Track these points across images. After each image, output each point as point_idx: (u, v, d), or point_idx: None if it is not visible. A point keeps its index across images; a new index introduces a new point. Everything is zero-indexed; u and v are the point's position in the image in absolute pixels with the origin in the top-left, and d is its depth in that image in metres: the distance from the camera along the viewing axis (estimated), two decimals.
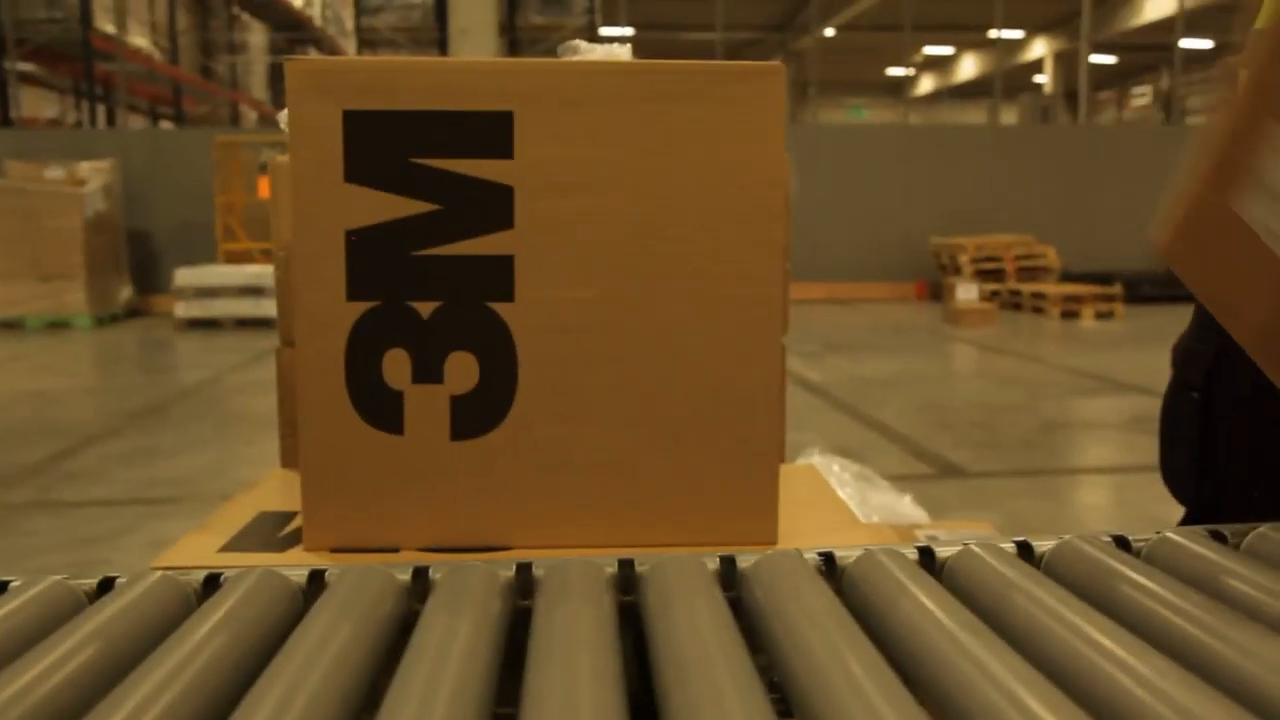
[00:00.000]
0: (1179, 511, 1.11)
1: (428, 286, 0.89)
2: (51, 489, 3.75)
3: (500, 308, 0.89)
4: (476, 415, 0.90)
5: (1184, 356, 0.97)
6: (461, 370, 0.90)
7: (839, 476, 1.54)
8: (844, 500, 1.11)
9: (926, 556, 0.67)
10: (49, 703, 0.46)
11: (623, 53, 1.20)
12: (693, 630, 0.52)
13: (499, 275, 0.89)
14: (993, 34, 14.80)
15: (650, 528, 0.91)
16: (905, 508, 1.57)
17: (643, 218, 0.89)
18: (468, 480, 0.91)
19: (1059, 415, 4.86)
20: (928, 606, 0.55)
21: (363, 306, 0.89)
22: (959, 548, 0.67)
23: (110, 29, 11.36)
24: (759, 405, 0.91)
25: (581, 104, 0.88)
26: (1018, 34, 20.03)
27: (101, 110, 13.05)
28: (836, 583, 0.66)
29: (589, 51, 1.21)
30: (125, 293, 9.45)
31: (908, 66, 16.31)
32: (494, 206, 0.88)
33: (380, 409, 0.90)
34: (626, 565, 0.64)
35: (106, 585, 0.61)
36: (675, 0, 16.45)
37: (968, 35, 20.22)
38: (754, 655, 0.51)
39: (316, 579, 0.62)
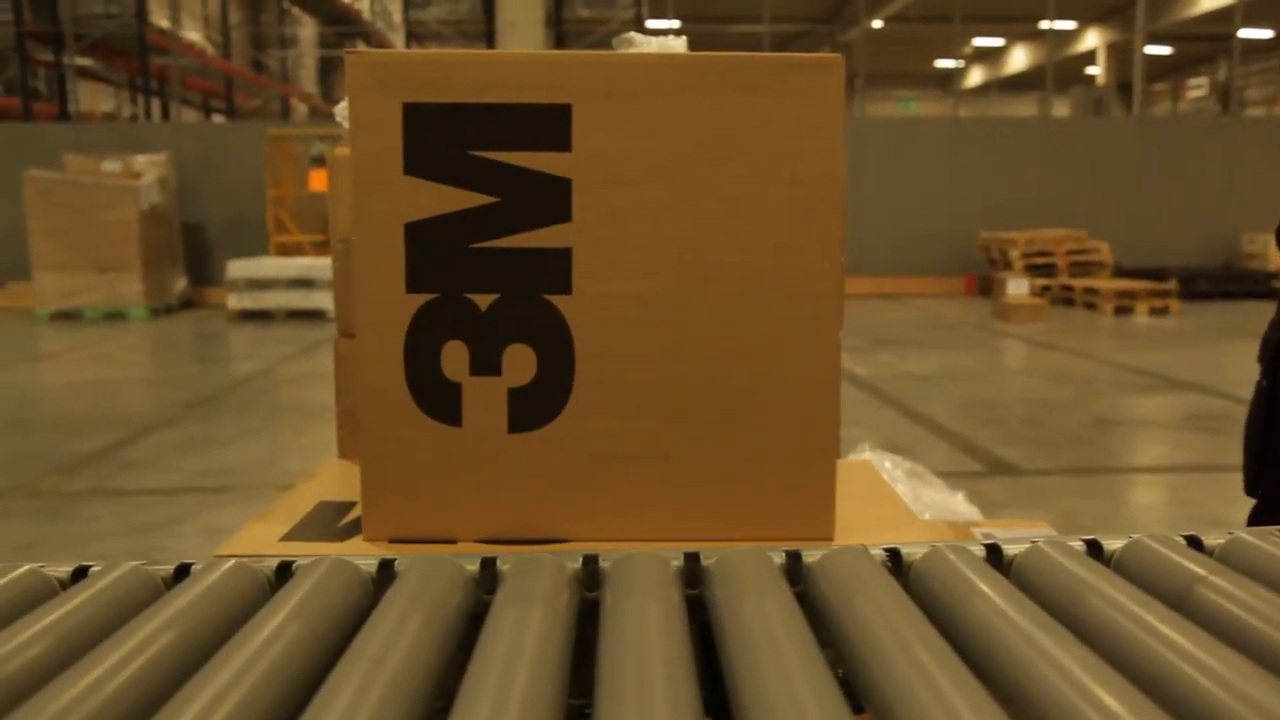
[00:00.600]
0: (1237, 512, 1.09)
1: (486, 279, 0.89)
2: (110, 477, 3.82)
3: (558, 300, 0.90)
4: (534, 407, 0.91)
5: (1261, 345, 0.97)
6: (519, 362, 0.90)
7: (890, 473, 1.52)
8: (900, 496, 1.10)
9: (994, 554, 0.67)
10: (132, 687, 0.47)
11: (678, 45, 1.19)
12: (763, 624, 0.52)
13: (557, 268, 0.89)
14: (1044, 25, 14.59)
15: (706, 522, 0.91)
16: (958, 505, 1.55)
17: (700, 211, 0.89)
18: (525, 472, 0.91)
19: (1112, 412, 4.79)
20: (1000, 604, 0.54)
21: (422, 298, 0.90)
22: (1026, 545, 0.67)
23: (165, 24, 11.53)
24: (816, 400, 0.91)
25: (640, 96, 0.88)
26: (1070, 25, 19.73)
27: (156, 104, 13.26)
28: (903, 578, 0.65)
29: (644, 44, 1.21)
30: (179, 284, 9.60)
31: (957, 58, 16.12)
32: (552, 199, 0.89)
33: (439, 400, 0.91)
34: (692, 559, 0.64)
35: (183, 572, 0.62)
36: None
37: (1019, 26, 19.95)
38: (822, 650, 0.51)
39: (386, 568, 0.63)
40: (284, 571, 0.63)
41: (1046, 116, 13.61)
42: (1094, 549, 0.68)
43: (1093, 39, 20.31)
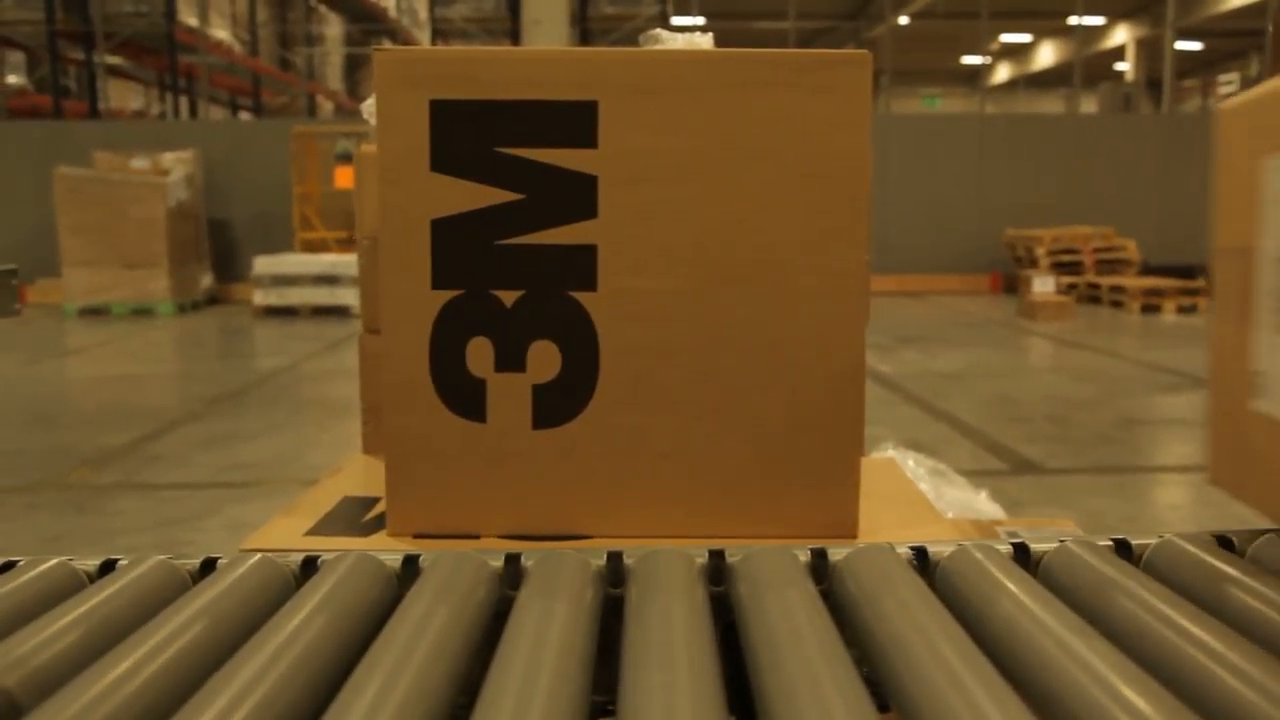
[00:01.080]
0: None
1: (511, 275, 0.90)
2: (136, 471, 3.85)
3: (583, 297, 0.90)
4: (558, 404, 0.91)
5: None
6: (544, 359, 0.90)
7: (913, 471, 1.51)
8: (924, 494, 1.09)
9: (1021, 552, 0.66)
10: (158, 680, 0.47)
11: (705, 41, 1.19)
12: (788, 622, 0.52)
13: (582, 265, 0.89)
14: (1073, 21, 14.47)
15: (730, 518, 0.91)
16: (981, 504, 1.54)
17: (726, 208, 0.89)
18: (549, 468, 0.92)
19: (1138, 411, 4.75)
20: (1027, 604, 0.54)
21: (447, 295, 0.90)
22: (1054, 544, 0.66)
23: (193, 22, 11.62)
24: (840, 397, 0.91)
25: (665, 93, 0.88)
26: (1099, 20, 19.56)
27: (184, 102, 13.36)
28: (929, 577, 0.65)
29: (670, 40, 1.20)
30: (206, 280, 9.67)
31: (984, 55, 16.02)
32: (578, 196, 0.89)
33: (464, 396, 0.91)
34: (717, 556, 0.64)
35: (209, 566, 0.63)
36: None
37: (1047, 22, 19.80)
38: (847, 649, 0.51)
39: (411, 564, 0.63)
40: (309, 566, 0.63)
41: (1073, 113, 13.51)
42: (1122, 548, 0.67)
43: (1122, 35, 20.13)
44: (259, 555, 0.62)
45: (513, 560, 0.63)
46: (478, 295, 0.90)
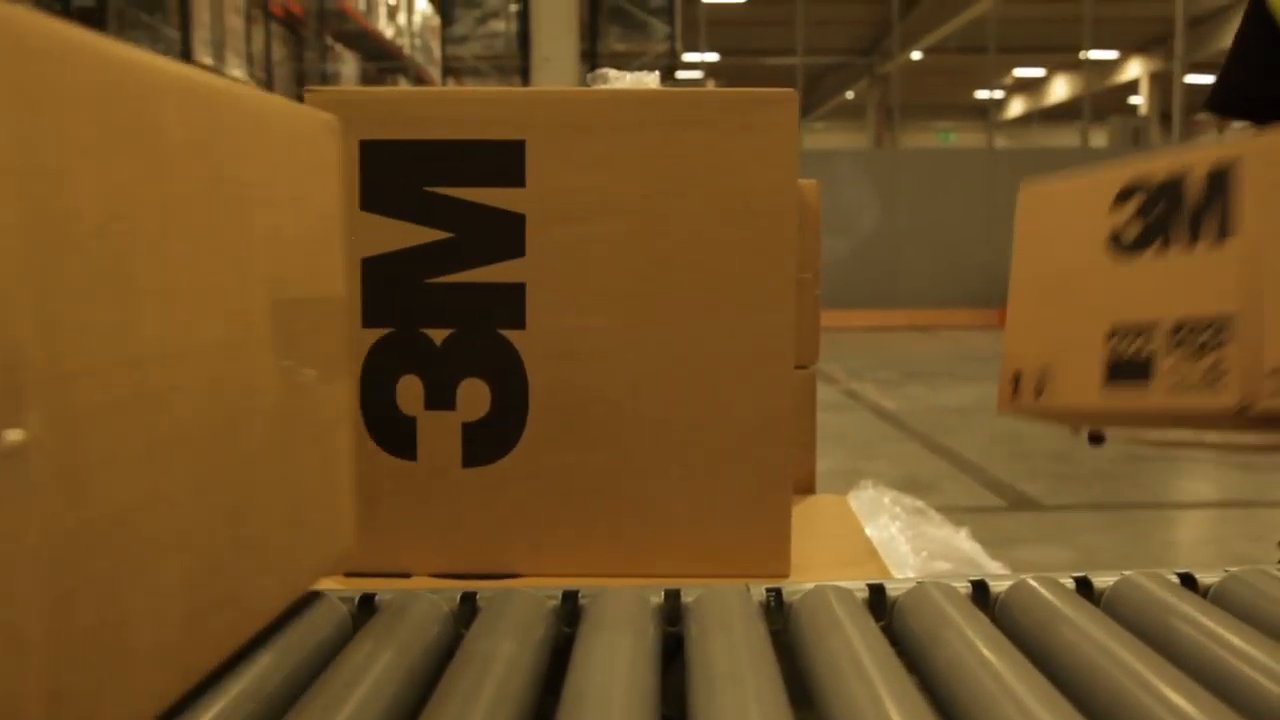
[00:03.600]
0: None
1: (441, 313, 0.90)
2: None
3: (512, 335, 0.90)
4: (488, 442, 0.90)
5: None
6: (474, 397, 0.90)
7: (890, 510, 1.50)
8: (866, 532, 1.10)
9: (979, 590, 0.66)
10: None
11: (650, 80, 1.20)
12: (729, 661, 0.52)
13: (510, 303, 0.89)
14: (1085, 55, 14.55)
15: (663, 557, 0.91)
16: (961, 542, 1.52)
17: (654, 245, 0.89)
18: (479, 507, 0.91)
19: (1140, 446, 4.73)
20: (975, 642, 0.54)
21: (377, 333, 0.90)
22: (1012, 582, 0.66)
23: (208, 60, 11.78)
24: (769, 435, 0.90)
25: (592, 132, 0.88)
26: (1112, 55, 19.66)
27: None
28: (885, 616, 0.65)
29: (617, 79, 1.21)
30: None
31: (995, 89, 16.10)
32: (506, 234, 0.89)
33: (394, 435, 0.91)
34: (673, 595, 0.65)
35: None
36: (756, 25, 16.49)
37: (1060, 56, 19.90)
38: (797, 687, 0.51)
39: (366, 603, 0.63)
40: None
41: (1085, 147, 13.55)
42: (1083, 586, 0.67)
43: (1135, 69, 20.22)
44: None
45: (468, 598, 0.63)
46: (407, 333, 0.90)
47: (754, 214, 0.88)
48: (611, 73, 1.00)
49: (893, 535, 1.54)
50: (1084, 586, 0.67)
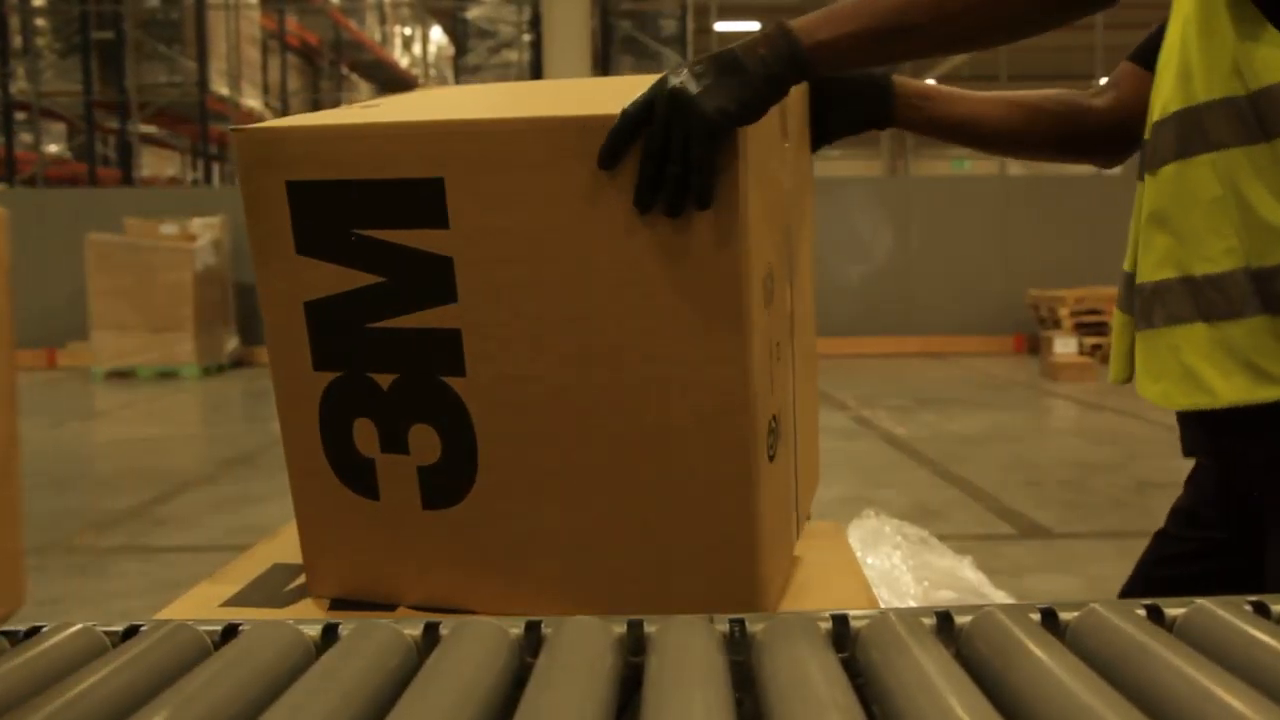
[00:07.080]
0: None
1: (384, 359, 0.86)
2: (142, 534, 3.88)
3: (454, 382, 0.86)
4: (444, 486, 0.88)
5: None
6: (425, 442, 0.87)
7: (893, 540, 1.50)
8: (858, 559, 1.09)
9: (944, 621, 0.66)
10: None
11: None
12: (683, 695, 0.52)
13: (449, 349, 0.85)
14: (1097, 84, 14.54)
15: (624, 600, 0.86)
16: (965, 571, 1.52)
17: (588, 290, 0.82)
18: (441, 548, 0.89)
19: (1154, 474, 4.68)
20: (932, 675, 0.54)
21: (329, 376, 0.88)
22: (976, 613, 0.66)
23: (225, 91, 11.89)
24: (725, 483, 0.85)
25: (512, 167, 0.81)
26: None
27: (217, 168, 13.63)
28: (849, 648, 0.65)
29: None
30: (231, 343, 9.78)
31: None
32: (436, 278, 0.84)
33: (356, 475, 0.90)
34: (636, 626, 0.65)
35: (131, 632, 0.64)
36: None
37: (1072, 83, 19.88)
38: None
39: (330, 632, 0.64)
40: (230, 633, 0.64)
41: (1098, 173, 13.53)
42: (1049, 617, 0.67)
43: None
44: (176, 623, 0.62)
45: (431, 629, 0.63)
46: (356, 377, 0.88)
47: (692, 251, 0.81)
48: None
49: (895, 564, 1.54)
50: (1049, 618, 0.67)
